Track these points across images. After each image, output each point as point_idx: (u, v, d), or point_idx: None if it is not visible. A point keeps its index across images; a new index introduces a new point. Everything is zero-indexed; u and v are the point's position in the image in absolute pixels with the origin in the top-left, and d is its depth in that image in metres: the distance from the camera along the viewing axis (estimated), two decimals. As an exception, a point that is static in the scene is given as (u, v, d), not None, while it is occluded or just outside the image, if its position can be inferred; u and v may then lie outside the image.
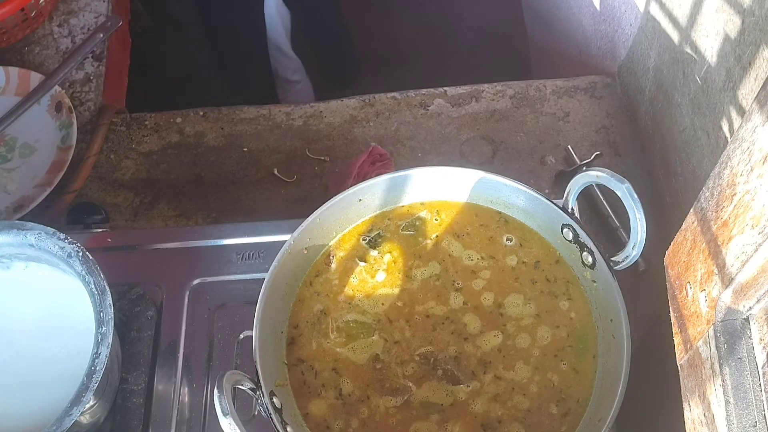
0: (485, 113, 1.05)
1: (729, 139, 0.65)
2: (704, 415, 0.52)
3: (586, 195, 0.95)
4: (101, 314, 0.69)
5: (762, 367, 0.48)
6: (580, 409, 0.71)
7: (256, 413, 0.77)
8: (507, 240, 0.79)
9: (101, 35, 1.12)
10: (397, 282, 0.77)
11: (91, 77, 1.11)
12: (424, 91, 1.08)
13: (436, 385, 0.72)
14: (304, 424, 0.71)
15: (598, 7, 1.14)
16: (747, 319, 0.49)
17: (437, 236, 0.79)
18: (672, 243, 0.59)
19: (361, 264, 0.78)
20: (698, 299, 0.53)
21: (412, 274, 0.77)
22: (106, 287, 0.70)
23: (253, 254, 0.87)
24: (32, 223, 0.74)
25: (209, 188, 1.02)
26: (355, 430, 0.71)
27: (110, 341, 0.68)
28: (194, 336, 0.83)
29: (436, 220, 0.80)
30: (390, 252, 0.79)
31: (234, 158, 1.04)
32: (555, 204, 0.74)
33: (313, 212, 0.75)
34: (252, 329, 0.70)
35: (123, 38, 1.24)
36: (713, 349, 0.50)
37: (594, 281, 0.74)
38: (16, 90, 1.07)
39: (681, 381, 0.57)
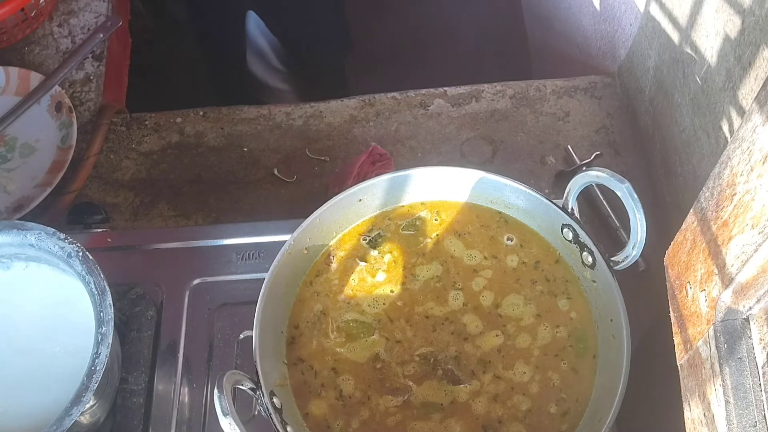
0: (485, 113, 1.05)
1: (729, 139, 0.65)
2: (704, 415, 0.52)
3: (586, 195, 0.95)
4: (101, 314, 0.69)
5: (762, 367, 0.48)
6: (580, 408, 0.71)
7: (256, 413, 0.77)
8: (507, 240, 0.79)
9: (101, 35, 1.12)
10: (398, 282, 0.77)
11: (91, 77, 1.11)
12: (424, 91, 1.08)
13: (437, 384, 0.72)
14: (304, 424, 0.71)
15: (598, 7, 1.14)
16: (747, 319, 0.49)
17: (437, 236, 0.79)
18: (672, 243, 0.59)
19: (362, 264, 0.78)
20: (698, 299, 0.53)
21: (413, 274, 0.78)
22: (106, 287, 0.70)
23: (253, 254, 0.87)
24: (32, 223, 0.74)
25: (209, 188, 1.02)
26: (356, 429, 0.71)
27: (110, 341, 0.68)
28: (194, 336, 0.83)
29: (436, 220, 0.80)
30: (390, 252, 0.79)
31: (234, 158, 1.04)
32: (555, 204, 0.75)
33: (313, 212, 0.75)
34: (252, 329, 0.70)
35: (123, 38, 1.24)
36: (713, 349, 0.50)
37: (594, 281, 0.74)
38: (16, 90, 1.07)
39: (681, 381, 0.57)
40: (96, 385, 0.66)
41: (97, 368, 0.66)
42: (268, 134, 1.05)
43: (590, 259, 0.73)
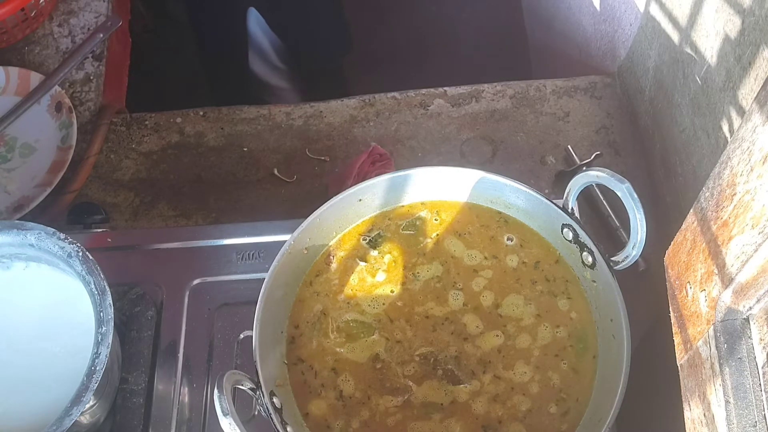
0: (485, 113, 1.05)
1: (729, 139, 0.65)
2: (704, 415, 0.52)
3: (586, 195, 0.96)
4: (101, 314, 0.69)
5: (762, 367, 0.48)
6: (580, 408, 0.71)
7: (256, 413, 0.77)
8: (508, 240, 0.79)
9: (101, 35, 1.12)
10: (398, 282, 0.77)
11: (91, 77, 1.11)
12: (424, 91, 1.08)
13: (437, 384, 0.72)
14: (304, 424, 0.71)
15: (598, 7, 1.14)
16: (747, 319, 0.49)
17: (438, 236, 0.79)
18: (672, 243, 0.59)
19: (362, 264, 0.78)
20: (698, 299, 0.53)
21: (413, 274, 0.78)
22: (106, 287, 0.70)
23: (253, 254, 0.87)
24: (32, 223, 0.74)
25: (209, 188, 1.02)
26: (356, 430, 0.71)
27: (110, 341, 0.68)
28: (194, 336, 0.83)
29: (436, 220, 0.80)
30: (390, 252, 0.79)
31: (234, 158, 1.04)
32: (555, 204, 0.74)
33: (313, 212, 0.75)
34: (252, 329, 0.70)
35: (123, 38, 1.24)
36: (713, 349, 0.50)
37: (594, 281, 0.74)
38: (16, 90, 1.07)
39: (681, 381, 0.57)
40: (96, 385, 0.66)
41: (97, 368, 0.66)
42: (268, 134, 1.05)
43: (590, 259, 0.73)
